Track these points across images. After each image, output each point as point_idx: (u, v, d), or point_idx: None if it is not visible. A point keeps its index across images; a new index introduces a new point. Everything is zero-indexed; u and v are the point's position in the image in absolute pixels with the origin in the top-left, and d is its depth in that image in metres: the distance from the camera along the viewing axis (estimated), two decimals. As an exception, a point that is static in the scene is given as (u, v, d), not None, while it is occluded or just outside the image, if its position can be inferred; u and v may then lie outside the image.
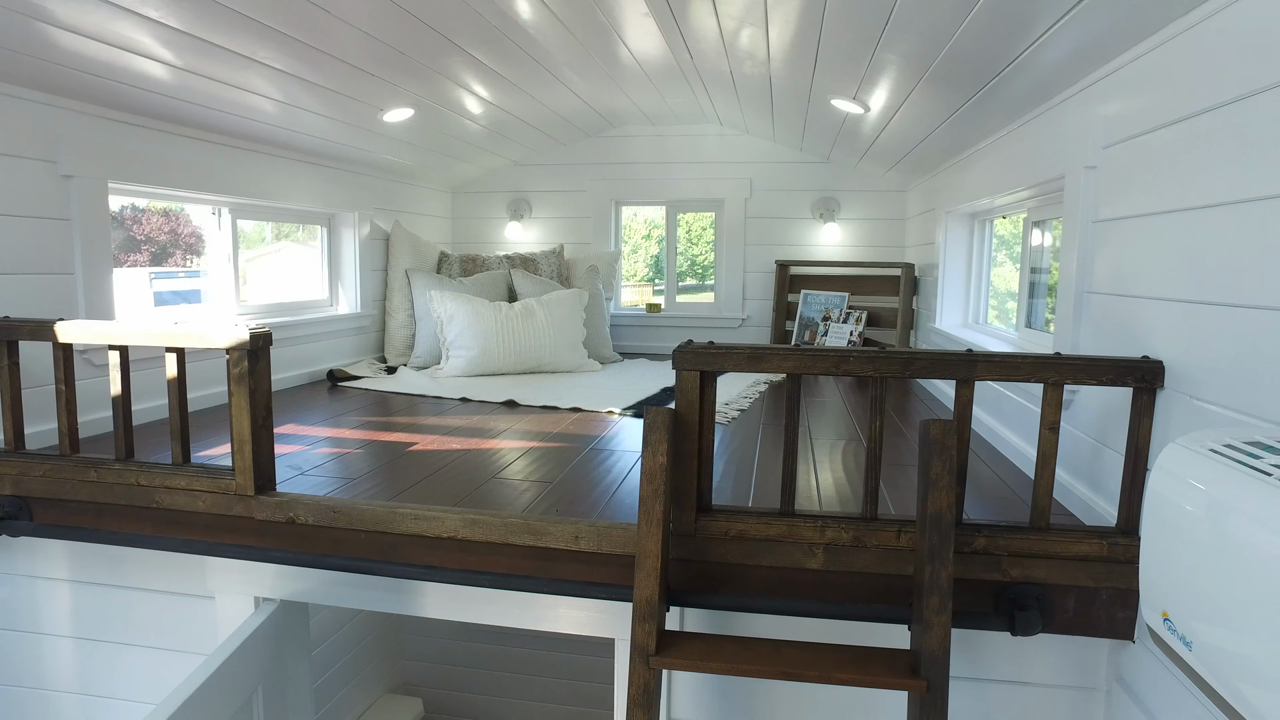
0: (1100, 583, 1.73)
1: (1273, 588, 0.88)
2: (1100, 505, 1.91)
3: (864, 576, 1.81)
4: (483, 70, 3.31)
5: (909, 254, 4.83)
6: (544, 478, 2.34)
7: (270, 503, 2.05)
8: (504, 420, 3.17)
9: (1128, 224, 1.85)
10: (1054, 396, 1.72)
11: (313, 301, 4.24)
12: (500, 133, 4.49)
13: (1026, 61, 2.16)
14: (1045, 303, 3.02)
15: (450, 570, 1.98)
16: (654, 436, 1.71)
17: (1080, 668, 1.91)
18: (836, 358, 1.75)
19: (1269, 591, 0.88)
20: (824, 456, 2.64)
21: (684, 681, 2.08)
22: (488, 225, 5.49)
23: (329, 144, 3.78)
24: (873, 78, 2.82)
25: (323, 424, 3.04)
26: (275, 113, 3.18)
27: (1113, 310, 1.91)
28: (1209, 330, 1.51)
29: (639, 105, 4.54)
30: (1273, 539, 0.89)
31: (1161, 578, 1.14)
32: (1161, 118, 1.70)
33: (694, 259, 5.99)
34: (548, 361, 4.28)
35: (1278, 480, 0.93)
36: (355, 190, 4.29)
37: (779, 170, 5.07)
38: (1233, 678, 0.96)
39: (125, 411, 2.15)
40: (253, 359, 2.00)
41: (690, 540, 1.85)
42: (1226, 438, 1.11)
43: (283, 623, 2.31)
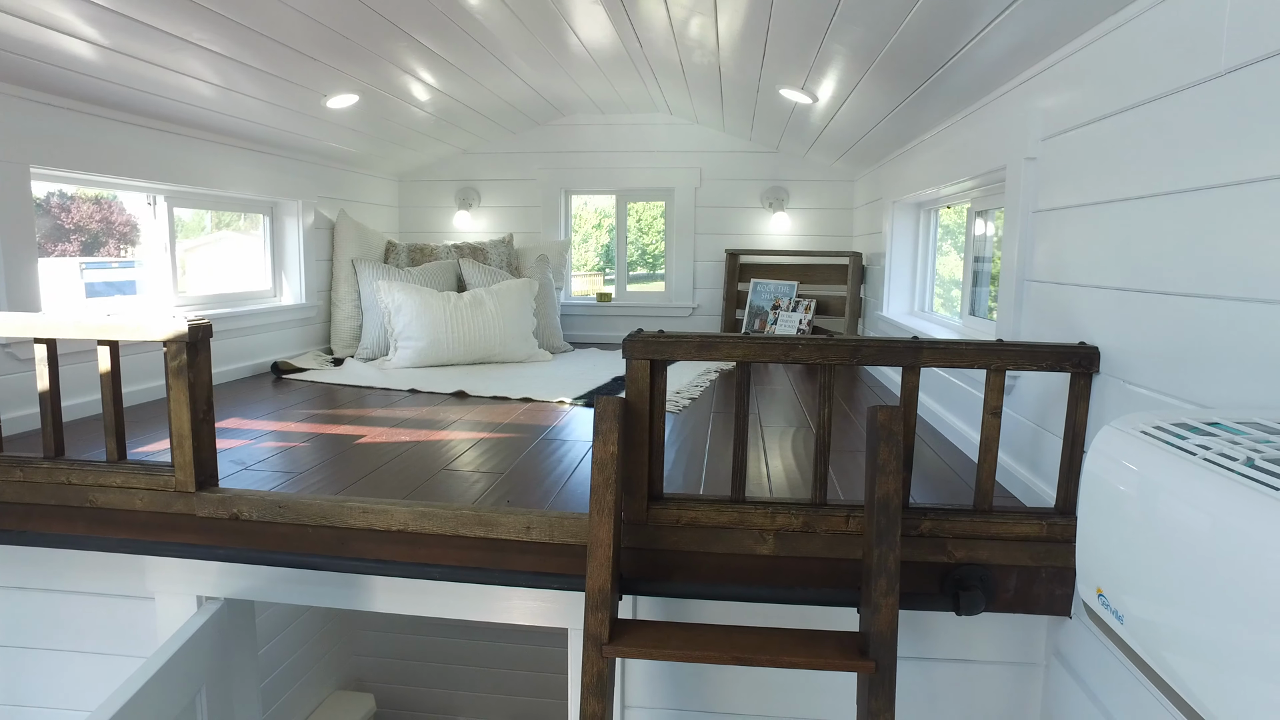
0: (1040, 562, 1.78)
1: (1194, 562, 0.91)
2: (1040, 487, 1.97)
3: (814, 561, 1.84)
4: (430, 57, 3.25)
5: (857, 243, 4.91)
6: (495, 468, 2.32)
7: (212, 499, 2.00)
8: (454, 411, 3.13)
9: (1065, 214, 1.91)
10: (996, 382, 1.77)
11: (255, 292, 4.13)
12: (448, 120, 4.42)
13: (969, 55, 2.20)
14: (988, 291, 3.09)
15: (400, 563, 1.96)
16: (605, 426, 1.71)
17: (1021, 644, 1.97)
18: (785, 346, 1.77)
19: (1191, 566, 0.92)
20: (774, 444, 2.68)
21: (637, 669, 2.09)
22: (436, 214, 5.41)
23: (270, 130, 3.67)
24: (821, 68, 2.85)
25: (267, 417, 2.97)
26: (213, 97, 3.08)
27: (1052, 298, 1.97)
28: (1140, 317, 1.56)
29: (588, 94, 4.51)
30: (1195, 516, 0.93)
31: (1096, 555, 1.18)
32: (1095, 112, 1.75)
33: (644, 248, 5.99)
34: (498, 352, 4.25)
35: (1201, 460, 0.97)
36: (298, 178, 4.18)
37: (729, 159, 5.10)
38: (1159, 647, 1.00)
39: (54, 407, 2.06)
40: (192, 351, 1.94)
41: (642, 529, 1.86)
42: (1156, 420, 1.15)
43: (227, 621, 2.25)
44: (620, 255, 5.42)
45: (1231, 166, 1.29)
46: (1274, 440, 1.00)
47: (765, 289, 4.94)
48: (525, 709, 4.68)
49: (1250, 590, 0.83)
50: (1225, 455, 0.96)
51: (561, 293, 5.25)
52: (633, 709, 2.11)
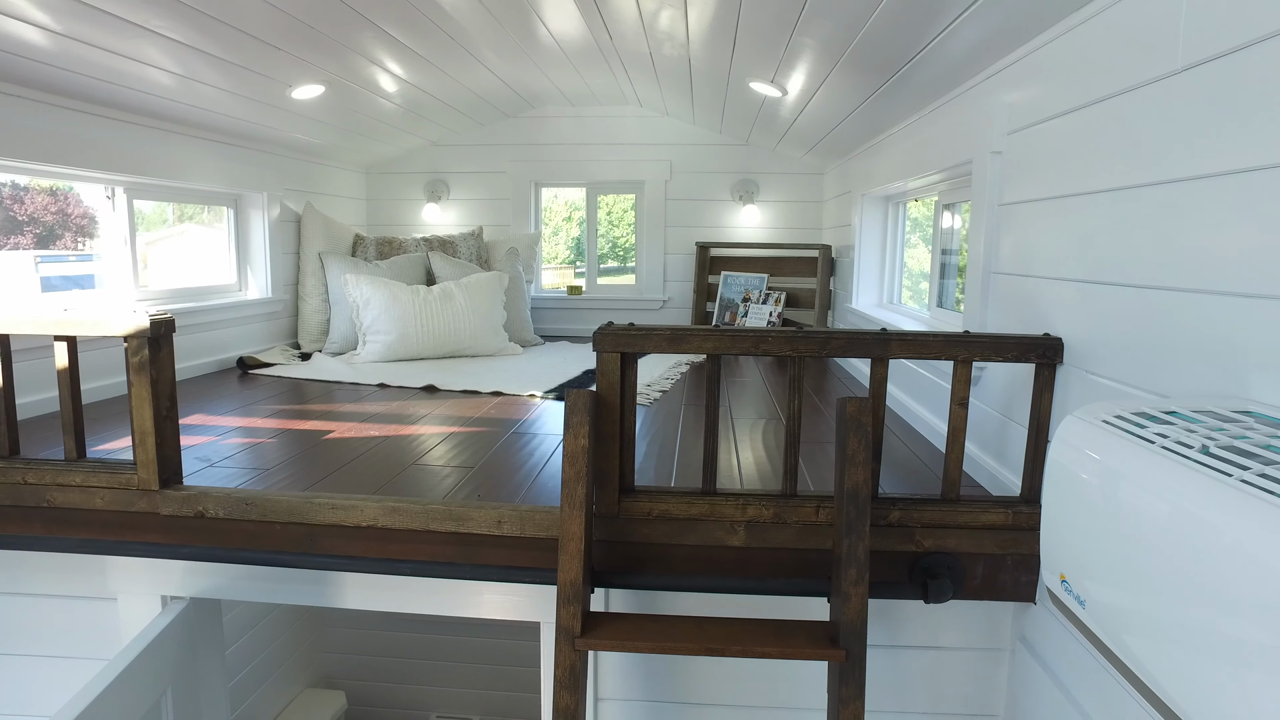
0: (1006, 549, 1.81)
1: (1153, 547, 0.94)
2: (1006, 476, 2.00)
3: (784, 552, 1.86)
4: (397, 47, 3.21)
5: (826, 236, 4.94)
6: (465, 463, 2.31)
7: (177, 497, 1.96)
8: (424, 405, 3.11)
9: (1030, 207, 1.93)
10: (963, 373, 1.79)
11: (220, 286, 4.05)
12: (416, 112, 4.37)
13: (936, 49, 2.22)
14: (956, 283, 3.13)
15: (370, 559, 1.94)
16: (575, 419, 1.71)
17: (987, 630, 2.01)
18: (756, 338, 1.78)
19: (1149, 550, 0.94)
20: (745, 436, 2.69)
21: (610, 661, 2.10)
22: (404, 207, 5.35)
23: (234, 121, 3.60)
24: (790, 61, 2.86)
25: (233, 413, 2.92)
26: (173, 86, 3.01)
27: (1017, 290, 2.00)
28: (1101, 309, 1.59)
29: (558, 86, 4.48)
30: (1154, 502, 0.95)
31: (1060, 542, 1.20)
32: (1059, 107, 1.78)
33: (615, 241, 5.97)
34: (468, 345, 4.22)
35: (1159, 449, 0.99)
36: (263, 170, 4.11)
37: (699, 152, 5.10)
38: (1118, 630, 1.03)
39: (8, 405, 2.01)
40: (154, 347, 1.90)
41: (613, 521, 1.86)
42: (1117, 410, 1.17)
43: (193, 621, 2.22)
44: (591, 248, 5.41)
45: (1188, 162, 1.32)
46: (1227, 428, 1.02)
47: (735, 282, 4.96)
48: (498, 703, 4.67)
49: (1204, 574, 0.85)
50: (1182, 443, 0.98)
51: (532, 286, 5.22)
52: (606, 701, 2.12)
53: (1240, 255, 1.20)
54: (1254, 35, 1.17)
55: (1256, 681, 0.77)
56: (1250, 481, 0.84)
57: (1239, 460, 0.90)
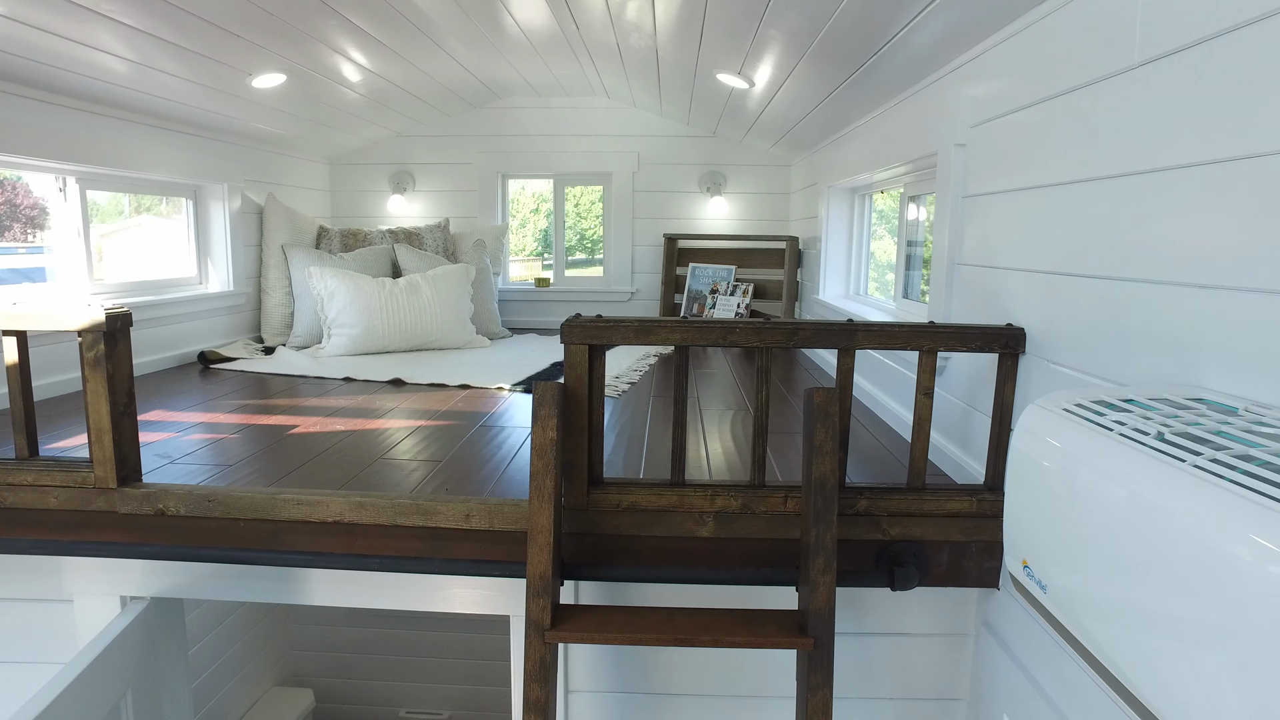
0: (970, 537, 1.84)
1: (1111, 532, 0.96)
2: (970, 465, 2.03)
3: (753, 542, 1.87)
4: (360, 35, 3.16)
5: (793, 227, 4.97)
6: (433, 457, 2.29)
7: (135, 495, 1.92)
8: (390, 399, 3.07)
9: (993, 199, 1.96)
10: (928, 363, 1.81)
11: (179, 279, 3.96)
12: (381, 102, 4.30)
13: (901, 42, 2.24)
14: (921, 274, 3.17)
15: (337, 555, 1.92)
16: (543, 411, 1.70)
17: (952, 616, 2.04)
18: (723, 329, 1.78)
19: (1106, 534, 0.97)
20: (713, 427, 2.70)
21: (580, 653, 2.10)
22: (369, 198, 5.27)
23: (192, 110, 3.52)
24: (757, 53, 2.86)
25: (194, 409, 2.87)
26: (127, 73, 2.93)
27: (981, 281, 2.03)
28: (1062, 299, 1.62)
29: (525, 76, 4.45)
30: (1112, 488, 0.97)
31: (1022, 528, 1.22)
32: (1021, 100, 1.80)
33: (583, 233, 5.95)
34: (434, 338, 4.18)
35: (1117, 435, 1.01)
36: (223, 160, 4.02)
37: (666, 144, 5.10)
38: (1077, 613, 1.05)
39: (-40, 401, 1.95)
40: (110, 341, 1.85)
41: (582, 514, 1.86)
42: (1077, 398, 1.19)
43: (154, 621, 2.17)
44: (558, 240, 5.39)
45: (1143, 155, 1.35)
46: (1182, 415, 1.05)
47: (703, 273, 4.97)
48: (468, 697, 4.65)
49: (1158, 557, 0.87)
50: (1139, 430, 1.01)
51: (499, 278, 5.18)
52: (576, 693, 2.12)
53: (1192, 247, 1.23)
54: (1207, 32, 1.20)
55: (1205, 659, 0.79)
56: (1202, 467, 0.87)
57: (1192, 446, 0.92)
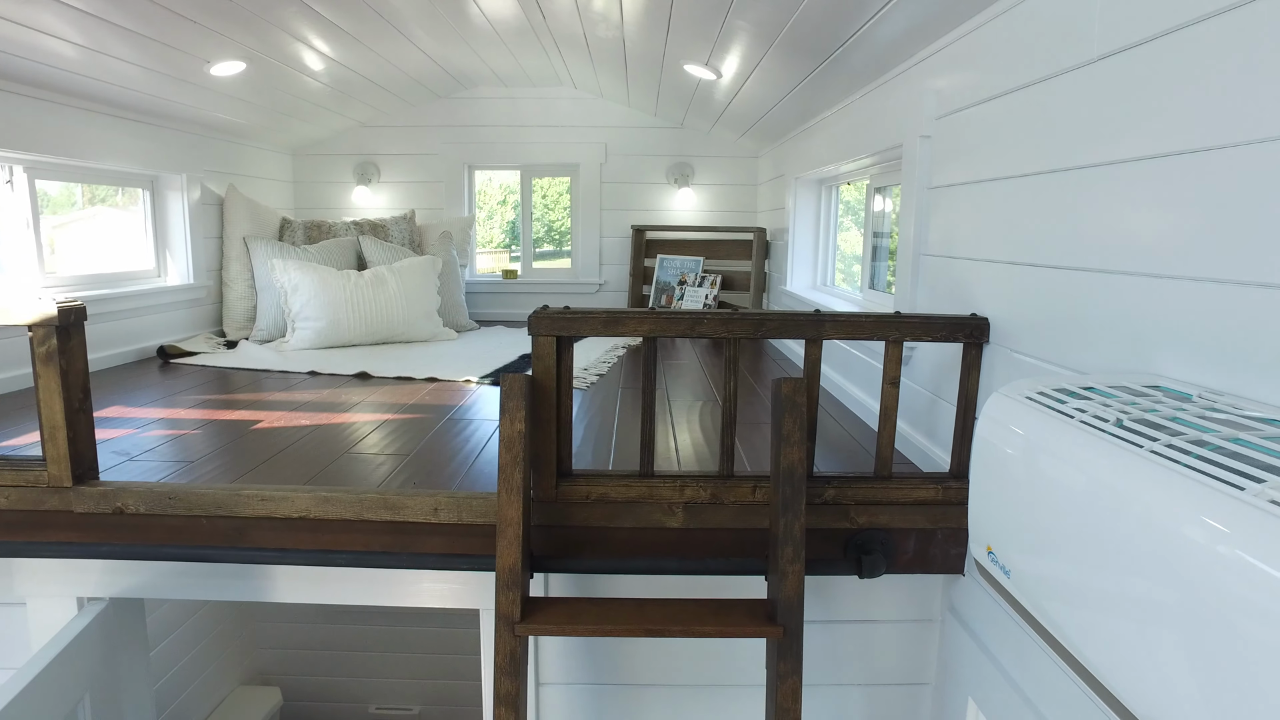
0: (936, 524, 1.87)
1: (1072, 517, 0.98)
2: (936, 453, 2.06)
3: (722, 532, 1.88)
4: (322, 23, 3.10)
5: (761, 219, 4.99)
6: (400, 450, 2.26)
7: (92, 493, 1.87)
8: (356, 393, 3.03)
9: (957, 191, 1.98)
10: (894, 353, 1.83)
11: (137, 272, 3.87)
12: (344, 92, 4.23)
13: (867, 35, 2.25)
14: (887, 265, 3.20)
15: (303, 551, 1.89)
16: (511, 404, 1.69)
17: (918, 602, 2.07)
18: (691, 320, 1.78)
19: (1067, 519, 0.98)
20: (682, 418, 2.71)
21: (550, 645, 2.09)
22: (333, 190, 5.19)
23: (147, 98, 3.43)
24: (724, 44, 2.86)
25: (154, 404, 2.80)
26: (77, 59, 2.85)
27: (946, 271, 2.05)
28: (1024, 289, 1.65)
29: (491, 66, 4.40)
30: (1073, 474, 0.99)
31: (986, 515, 1.24)
32: (984, 93, 1.82)
33: (550, 224, 5.92)
34: (401, 331, 4.13)
35: (1078, 423, 1.03)
36: (182, 150, 3.93)
37: (634, 135, 5.08)
38: (1039, 597, 1.07)
39: (-94, 399, 1.89)
40: (63, 336, 1.80)
41: (551, 506, 1.85)
42: (1039, 386, 1.21)
43: (113, 623, 2.12)
44: (525, 231, 5.35)
45: (1102, 148, 1.37)
46: (1139, 402, 1.07)
47: (671, 265, 4.97)
48: (438, 692, 4.63)
49: (1116, 540, 0.89)
50: (1098, 417, 1.03)
51: (466, 270, 5.14)
52: (547, 686, 2.12)
53: (1147, 238, 1.25)
54: (1163, 27, 1.22)
55: (1159, 637, 0.81)
56: (1158, 452, 0.88)
57: (1148, 432, 0.94)
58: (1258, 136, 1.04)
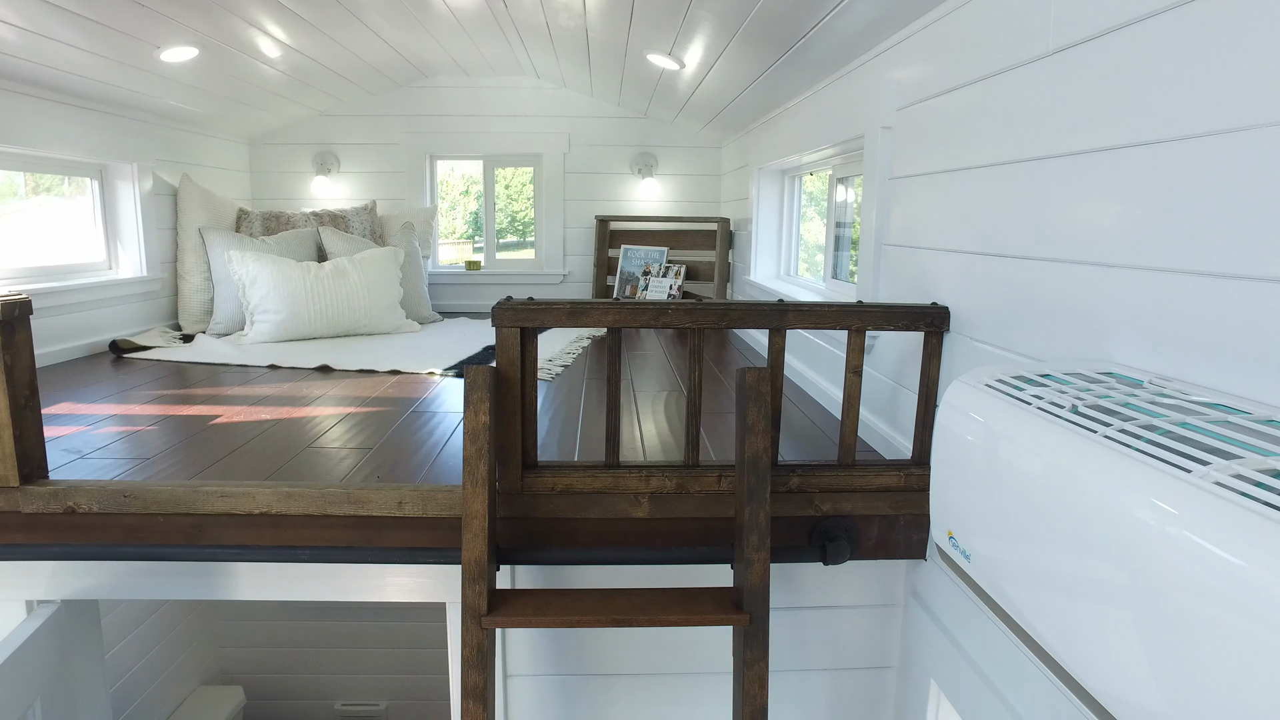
0: (899, 510, 1.90)
1: (1029, 501, 1.00)
2: (898, 440, 2.09)
3: (688, 521, 1.88)
4: (278, 9, 3.03)
5: (725, 209, 5.00)
6: (363, 444, 2.24)
7: (41, 493, 1.82)
8: (318, 387, 2.99)
9: (918, 181, 2.01)
10: (857, 342, 1.85)
11: (86, 264, 3.76)
12: (302, 80, 4.14)
13: (829, 25, 2.26)
14: (850, 255, 3.23)
15: (264, 548, 1.86)
16: (475, 395, 1.68)
17: (882, 587, 2.10)
18: (656, 310, 1.78)
19: (1026, 504, 1.00)
20: (647, 408, 2.71)
21: (518, 638, 2.09)
22: (291, 180, 5.09)
23: (94, 84, 3.32)
24: (687, 34, 2.85)
25: (107, 400, 2.73)
26: (17, 42, 2.75)
27: (907, 261, 2.08)
28: (983, 278, 1.67)
29: (452, 55, 4.34)
30: (1030, 458, 1.01)
31: (947, 501, 1.26)
32: (944, 84, 1.84)
33: (514, 215, 5.87)
34: (363, 323, 4.07)
35: (1035, 409, 1.05)
36: (132, 138, 3.82)
37: (597, 125, 5.06)
38: (998, 580, 1.09)
39: None
40: (8, 330, 1.74)
41: (517, 498, 1.85)
42: (998, 374, 1.24)
43: (65, 625, 2.07)
44: (489, 222, 5.30)
45: (1055, 140, 1.40)
46: (1093, 389, 1.09)
47: (636, 255, 4.96)
48: (405, 686, 4.60)
49: (1071, 523, 0.91)
50: (1054, 404, 1.05)
51: (429, 261, 5.08)
52: (515, 678, 2.11)
53: (1102, 228, 1.28)
54: (1115, 22, 1.24)
55: (1112, 616, 0.83)
56: (1111, 437, 0.91)
57: (1102, 418, 0.96)
58: (1206, 129, 1.07)
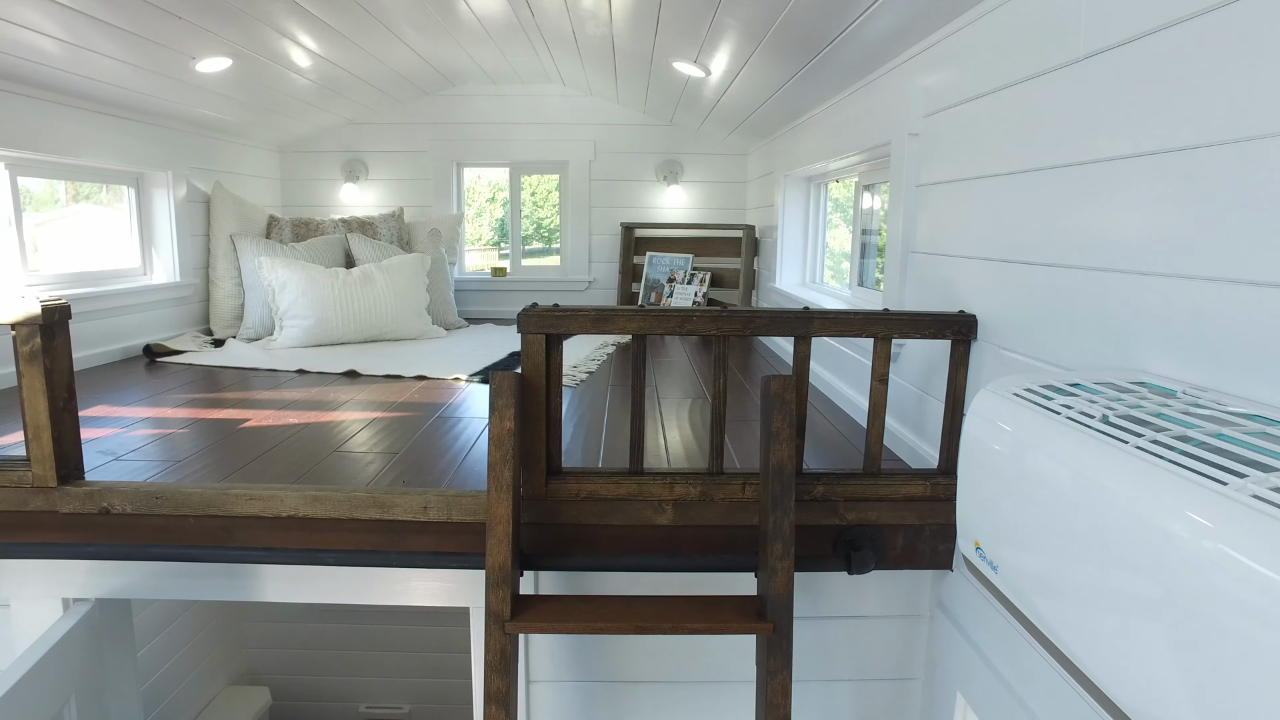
0: (924, 520, 1.88)
1: (1058, 512, 0.98)
2: (924, 449, 2.07)
3: (712, 529, 1.88)
4: (309, 20, 3.08)
5: (750, 216, 4.99)
6: (389, 449, 2.26)
7: (78, 493, 1.86)
8: (345, 391, 3.02)
9: (945, 188, 1.99)
10: (883, 350, 1.84)
11: (122, 270, 3.84)
12: (332, 89, 4.21)
13: (855, 32, 2.26)
14: (876, 262, 3.21)
15: (292, 550, 1.88)
16: (500, 401, 1.69)
17: (907, 598, 2.08)
18: (681, 317, 1.78)
19: (1054, 514, 0.99)
20: (671, 415, 2.71)
21: (540, 643, 2.09)
22: (321, 187, 5.16)
23: (132, 94, 3.40)
24: (713, 42, 2.86)
25: (140, 403, 2.78)
26: (60, 55, 2.82)
27: (934, 268, 2.06)
28: (1011, 286, 1.65)
29: (480, 63, 4.39)
30: (1059, 469, 1.00)
31: (974, 511, 1.25)
32: (972, 91, 1.83)
33: (540, 222, 5.90)
34: (390, 329, 4.12)
35: (1065, 419, 1.04)
36: (167, 147, 3.90)
37: (623, 132, 5.08)
38: (1026, 591, 1.08)
39: (-113, 398, 1.87)
40: (47, 335, 1.78)
41: (541, 504, 1.85)
42: (1027, 383, 1.22)
43: (99, 623, 2.11)
44: (515, 229, 5.34)
45: (1087, 146, 1.38)
46: (1125, 398, 1.08)
47: (660, 262, 4.97)
48: (428, 690, 4.62)
49: (1101, 534, 0.89)
50: (1085, 413, 1.03)
51: (455, 268, 5.12)
52: (537, 683, 2.12)
53: (1136, 235, 1.26)
54: (1149, 26, 1.23)
55: (1144, 631, 0.82)
56: (1143, 448, 0.89)
57: (1134, 428, 0.95)
58: (1245, 134, 1.05)
